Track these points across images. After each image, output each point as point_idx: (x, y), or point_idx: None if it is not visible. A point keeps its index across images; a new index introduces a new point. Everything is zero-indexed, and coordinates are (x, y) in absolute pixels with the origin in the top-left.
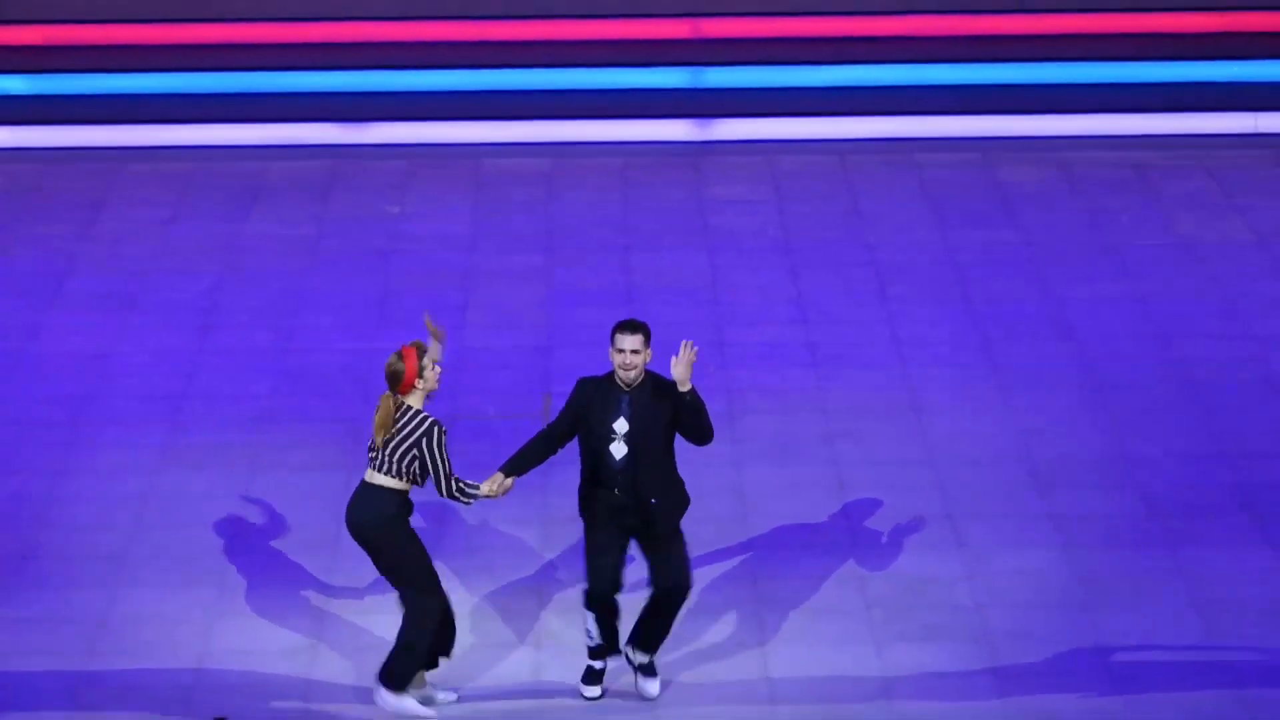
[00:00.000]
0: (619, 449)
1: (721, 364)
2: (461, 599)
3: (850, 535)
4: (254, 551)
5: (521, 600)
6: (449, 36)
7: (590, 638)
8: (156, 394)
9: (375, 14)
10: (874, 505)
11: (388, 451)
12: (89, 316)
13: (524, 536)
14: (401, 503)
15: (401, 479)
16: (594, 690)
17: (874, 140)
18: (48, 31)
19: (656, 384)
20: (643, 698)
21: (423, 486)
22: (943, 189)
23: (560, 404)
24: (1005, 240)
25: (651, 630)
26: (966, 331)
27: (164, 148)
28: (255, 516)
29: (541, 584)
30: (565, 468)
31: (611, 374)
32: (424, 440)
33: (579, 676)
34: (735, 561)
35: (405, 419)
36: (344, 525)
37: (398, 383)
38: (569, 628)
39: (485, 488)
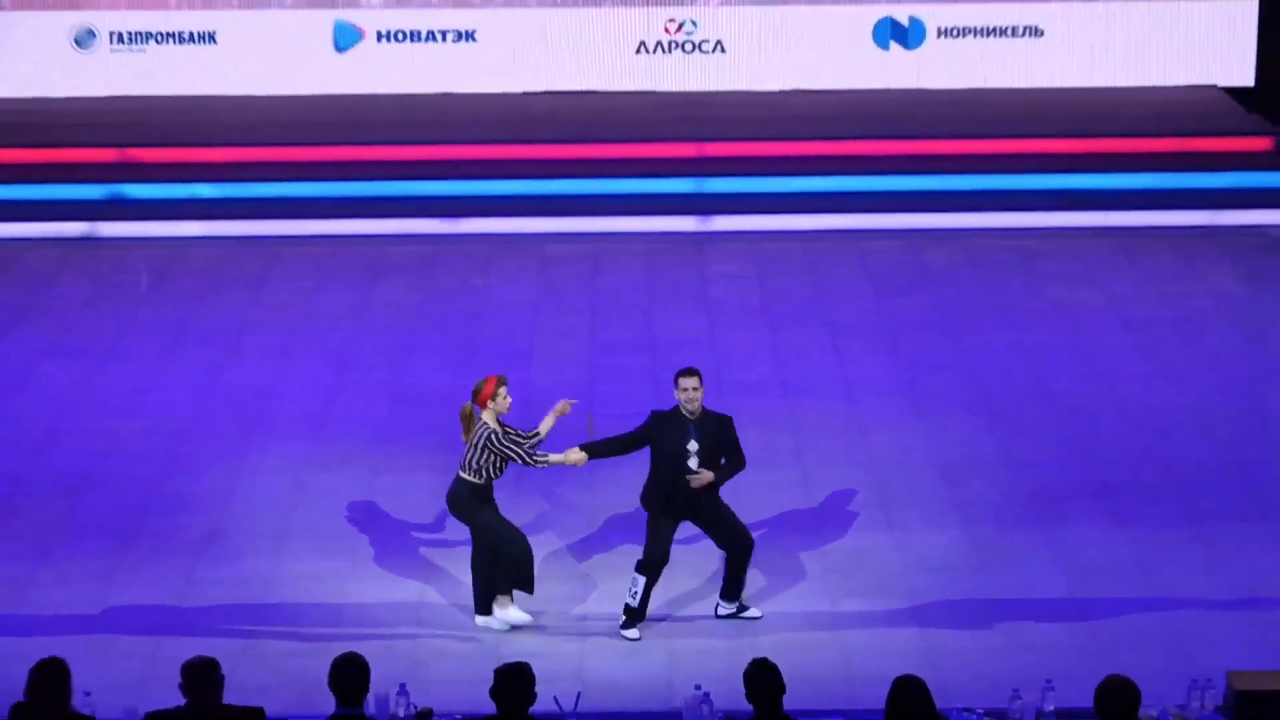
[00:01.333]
0: (694, 462)
1: (718, 395)
2: (537, 552)
3: (813, 520)
4: (376, 530)
5: (581, 559)
6: (519, 155)
7: (633, 598)
8: (306, 416)
9: (466, 139)
10: (830, 498)
11: (467, 453)
12: (258, 361)
13: (576, 519)
14: (473, 490)
15: (474, 475)
16: (633, 633)
17: (830, 231)
18: (228, 152)
19: (710, 415)
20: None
21: (498, 476)
22: (880, 267)
23: (601, 422)
24: (925, 305)
25: (732, 583)
26: (897, 373)
27: (311, 236)
28: (378, 504)
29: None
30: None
31: (678, 408)
32: (487, 441)
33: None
34: None
35: (476, 429)
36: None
37: (475, 396)
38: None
39: (556, 457)
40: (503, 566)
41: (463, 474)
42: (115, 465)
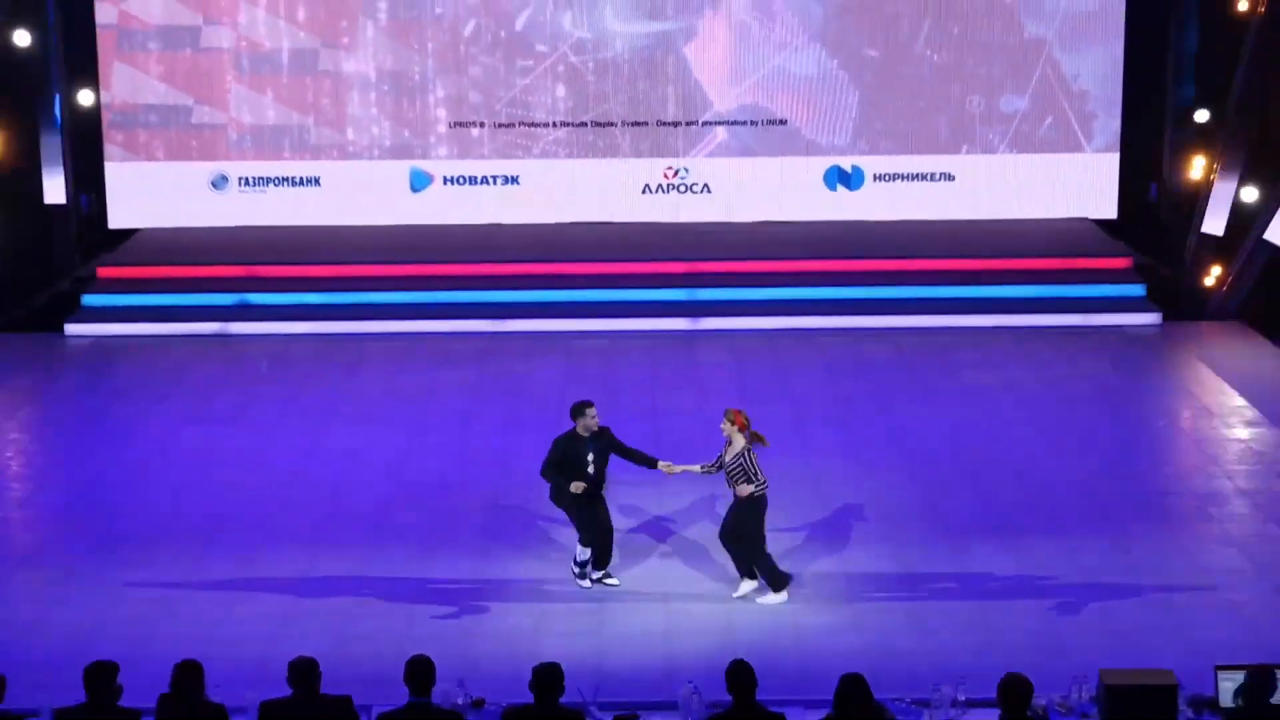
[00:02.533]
0: (591, 468)
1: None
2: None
3: (778, 551)
4: (440, 558)
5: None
6: (551, 271)
7: (582, 563)
8: (386, 471)
9: (510, 259)
10: (791, 533)
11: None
12: (349, 427)
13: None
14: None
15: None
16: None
17: (792, 329)
18: (328, 269)
19: (599, 430)
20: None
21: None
22: (830, 358)
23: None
24: (865, 387)
25: (605, 555)
26: (843, 439)
27: (391, 334)
28: (444, 537)
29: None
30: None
31: (575, 431)
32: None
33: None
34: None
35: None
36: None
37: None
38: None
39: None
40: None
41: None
42: (239, 508)
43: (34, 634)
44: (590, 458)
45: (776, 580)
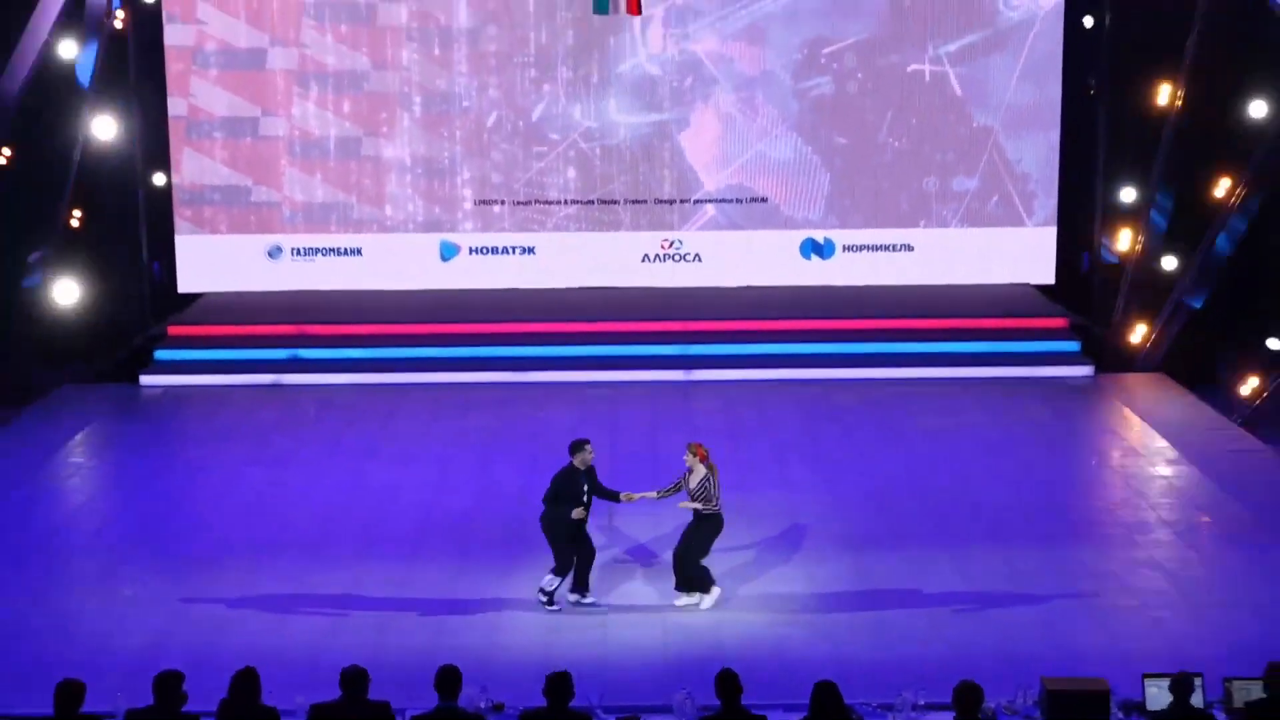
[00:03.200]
0: (585, 497)
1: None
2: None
3: (757, 573)
4: (466, 580)
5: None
6: (563, 330)
7: (548, 592)
8: (419, 504)
9: (528, 319)
10: (770, 559)
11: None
12: (387, 466)
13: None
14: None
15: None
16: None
17: (774, 380)
18: (370, 328)
19: (590, 468)
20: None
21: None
22: (806, 404)
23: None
24: (838, 431)
25: (583, 577)
26: (817, 476)
27: (424, 384)
28: (471, 564)
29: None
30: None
31: (573, 465)
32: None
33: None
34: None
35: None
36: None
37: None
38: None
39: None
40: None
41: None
42: (290, 535)
43: (108, 646)
44: (585, 488)
45: (705, 583)
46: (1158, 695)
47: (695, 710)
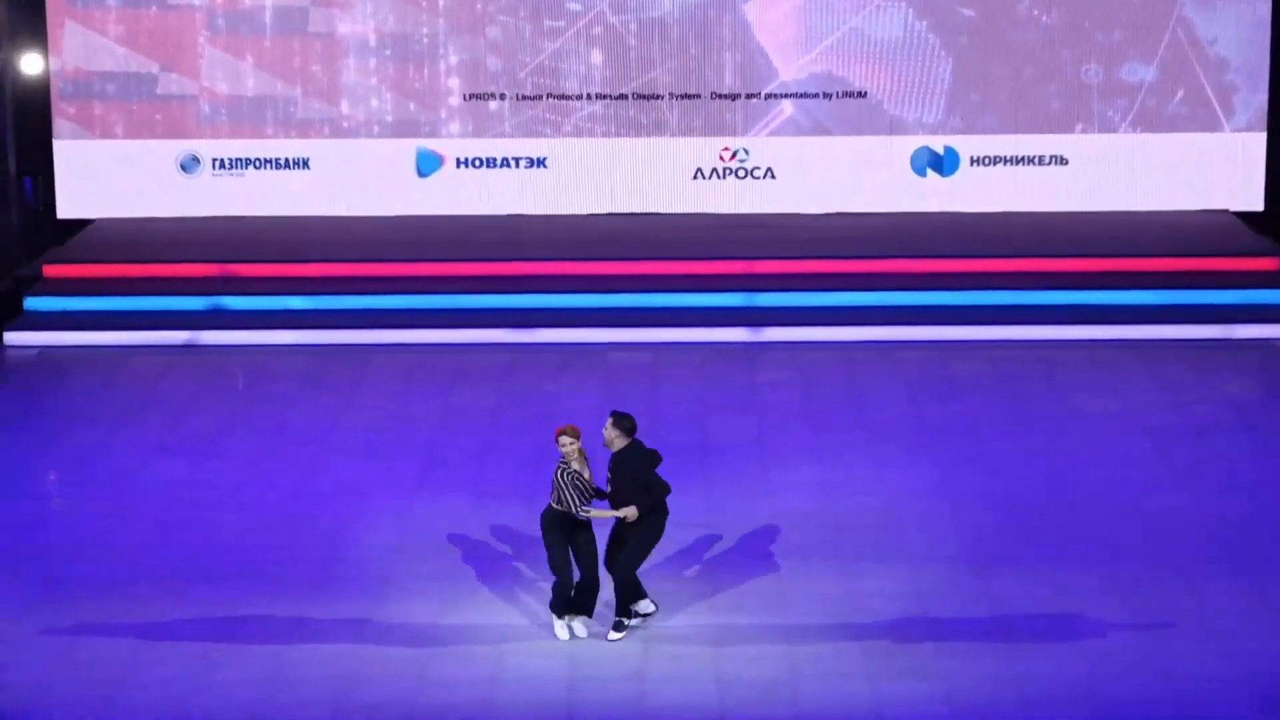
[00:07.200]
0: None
1: (765, 490)
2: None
3: (852, 607)
4: (456, 614)
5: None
6: (585, 272)
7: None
8: (394, 511)
9: (536, 257)
10: (865, 588)
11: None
12: (348, 460)
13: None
14: (556, 516)
15: (555, 500)
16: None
17: (869, 342)
18: (319, 268)
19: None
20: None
21: (575, 512)
22: (913, 376)
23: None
24: (954, 412)
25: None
26: (928, 474)
27: (395, 345)
28: (460, 590)
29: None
30: None
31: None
32: (556, 475)
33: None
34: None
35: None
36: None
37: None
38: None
39: (603, 513)
40: (555, 590)
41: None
42: (216, 557)
43: None
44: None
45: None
46: None
47: None
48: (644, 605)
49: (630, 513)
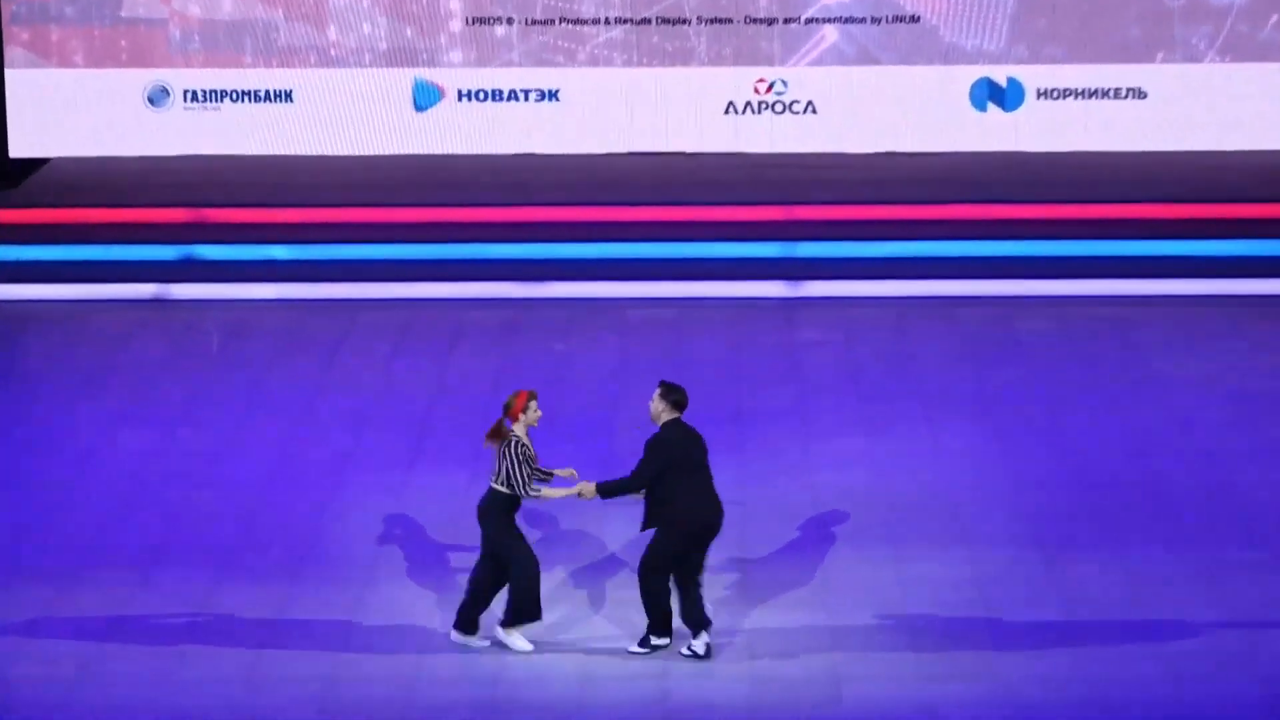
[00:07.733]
0: None
1: (805, 466)
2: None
3: (905, 599)
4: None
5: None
6: (601, 218)
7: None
8: (383, 486)
9: (547, 201)
10: (923, 576)
11: (498, 462)
12: (333, 428)
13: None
14: (503, 501)
15: (503, 484)
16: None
17: (923, 298)
18: (303, 213)
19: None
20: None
21: (525, 493)
22: (973, 336)
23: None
24: (1019, 376)
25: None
26: (989, 447)
27: (388, 300)
28: (453, 578)
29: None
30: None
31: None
32: (506, 450)
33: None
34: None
35: (506, 440)
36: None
37: (507, 411)
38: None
39: (559, 491)
40: (511, 594)
41: (494, 484)
42: (190, 535)
43: None
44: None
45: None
46: None
47: None
48: (658, 639)
49: (587, 488)
